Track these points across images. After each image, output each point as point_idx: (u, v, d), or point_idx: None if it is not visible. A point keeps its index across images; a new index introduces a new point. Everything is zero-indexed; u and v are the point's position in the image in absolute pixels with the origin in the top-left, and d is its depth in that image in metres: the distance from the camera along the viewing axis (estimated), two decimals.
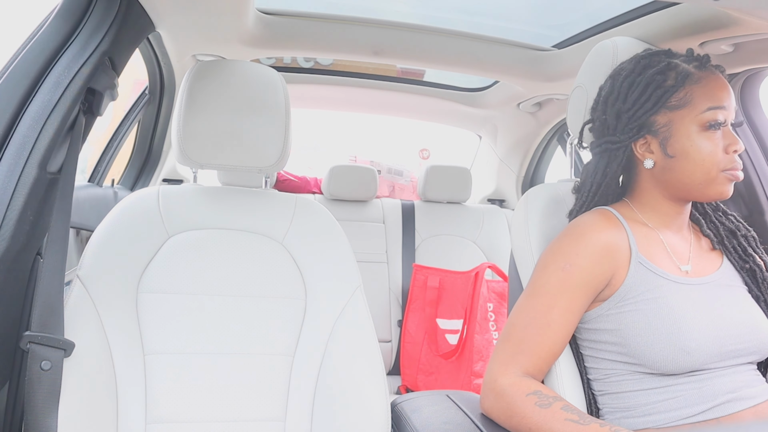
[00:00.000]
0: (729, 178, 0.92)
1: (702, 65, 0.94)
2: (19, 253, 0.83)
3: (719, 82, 0.93)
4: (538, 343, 0.87)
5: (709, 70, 0.94)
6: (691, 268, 0.94)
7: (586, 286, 0.89)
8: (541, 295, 0.90)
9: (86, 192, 1.56)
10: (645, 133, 0.95)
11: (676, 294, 0.89)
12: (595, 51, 1.10)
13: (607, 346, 0.90)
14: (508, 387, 0.84)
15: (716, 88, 0.92)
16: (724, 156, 0.91)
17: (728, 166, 0.91)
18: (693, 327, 0.85)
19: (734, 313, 0.90)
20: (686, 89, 0.92)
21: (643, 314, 0.87)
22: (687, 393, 0.85)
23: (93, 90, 0.98)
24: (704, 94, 0.92)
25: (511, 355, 0.88)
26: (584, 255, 0.90)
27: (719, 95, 0.92)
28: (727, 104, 0.92)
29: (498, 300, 2.08)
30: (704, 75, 0.93)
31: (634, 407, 0.87)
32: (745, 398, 0.86)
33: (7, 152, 0.83)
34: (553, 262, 0.91)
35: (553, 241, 0.95)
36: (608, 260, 0.90)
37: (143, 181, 2.11)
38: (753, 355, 0.90)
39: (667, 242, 0.96)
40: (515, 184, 2.65)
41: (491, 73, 1.89)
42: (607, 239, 0.91)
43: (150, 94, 1.84)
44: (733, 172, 0.92)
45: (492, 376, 0.87)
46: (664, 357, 0.84)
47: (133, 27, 1.07)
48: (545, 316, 0.88)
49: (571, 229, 0.94)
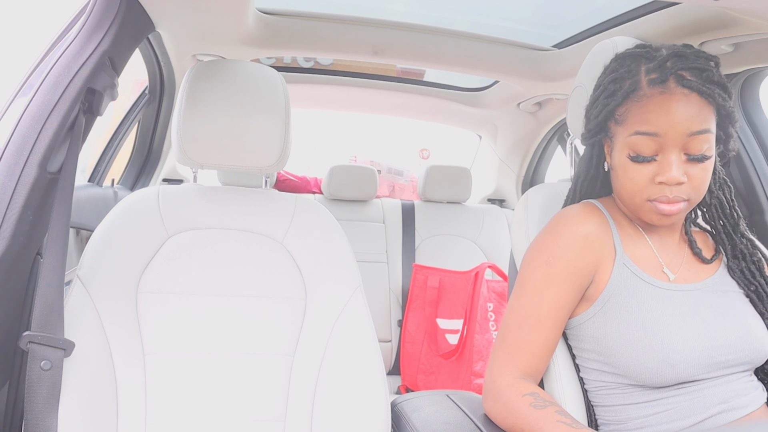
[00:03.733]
0: (655, 209, 0.84)
1: (661, 79, 0.82)
2: (19, 253, 0.83)
3: (667, 104, 0.81)
4: (533, 342, 0.87)
5: (664, 86, 0.82)
6: (677, 275, 0.90)
7: (572, 279, 0.87)
8: (528, 292, 0.89)
9: (86, 192, 1.56)
10: (604, 136, 0.92)
11: (660, 302, 0.86)
12: (595, 51, 1.10)
13: (593, 356, 0.89)
14: (505, 388, 0.84)
15: (657, 111, 0.81)
16: (649, 185, 0.83)
17: (653, 197, 0.84)
18: (677, 338, 0.82)
19: (726, 322, 0.86)
20: (626, 105, 0.85)
21: (626, 325, 0.84)
22: (678, 406, 0.83)
23: (93, 90, 0.98)
24: (637, 116, 0.83)
25: (508, 356, 0.87)
26: (565, 246, 0.88)
27: (655, 120, 0.81)
28: (663, 132, 0.81)
29: (498, 300, 2.08)
30: (653, 92, 0.82)
31: (626, 420, 0.86)
32: (738, 408, 0.83)
33: (7, 152, 0.83)
34: (536, 257, 0.90)
35: (537, 236, 0.94)
36: (590, 251, 0.88)
37: (143, 181, 2.11)
38: (746, 365, 0.86)
39: (654, 244, 0.93)
40: (515, 184, 2.65)
41: (491, 73, 1.89)
42: (587, 230, 0.89)
43: (150, 94, 1.84)
44: (657, 205, 0.84)
45: (491, 378, 0.87)
46: (647, 370, 0.81)
47: (133, 27, 1.07)
48: (535, 314, 0.87)
49: (552, 223, 0.93)
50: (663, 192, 0.83)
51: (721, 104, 0.83)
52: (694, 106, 0.81)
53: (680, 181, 0.81)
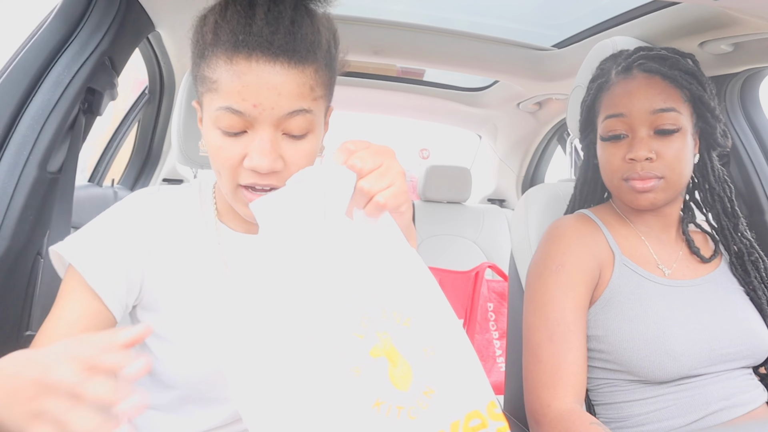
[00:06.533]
0: (631, 188, 0.89)
1: (625, 68, 0.91)
2: (19, 253, 0.83)
3: (629, 86, 0.89)
4: (569, 351, 0.84)
5: (628, 73, 0.91)
6: (672, 270, 0.91)
7: (583, 282, 0.88)
8: (547, 303, 0.87)
9: (86, 192, 1.56)
10: (591, 133, 0.98)
11: (661, 297, 0.87)
12: (595, 50, 1.10)
13: (595, 354, 0.89)
14: (567, 413, 0.79)
15: (621, 94, 0.90)
16: (623, 164, 0.89)
17: (626, 175, 0.89)
18: (679, 331, 0.83)
19: (726, 316, 0.87)
20: (600, 98, 0.94)
21: (629, 320, 0.85)
22: (679, 402, 0.83)
23: (93, 90, 0.98)
24: (606, 102, 0.92)
25: (552, 375, 0.83)
26: (569, 252, 0.89)
27: (619, 102, 0.89)
28: (628, 111, 0.88)
29: (498, 300, 2.08)
30: (619, 79, 0.92)
31: (627, 417, 0.86)
32: (739, 405, 0.84)
33: (7, 152, 0.83)
34: (545, 269, 0.90)
35: (537, 250, 0.95)
36: (592, 255, 0.90)
37: (143, 180, 2.11)
38: (746, 360, 0.87)
39: (651, 243, 0.94)
40: (515, 184, 2.65)
41: (491, 72, 1.89)
42: (584, 237, 0.91)
43: (150, 94, 1.84)
44: (631, 183, 0.88)
45: (543, 402, 0.82)
46: (650, 363, 0.82)
47: (132, 27, 1.07)
48: (563, 323, 0.85)
49: (550, 233, 0.94)
50: (635, 169, 0.88)
51: (696, 94, 0.88)
52: (656, 86, 0.88)
53: (647, 156, 0.87)
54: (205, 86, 0.64)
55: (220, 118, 0.62)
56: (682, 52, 0.93)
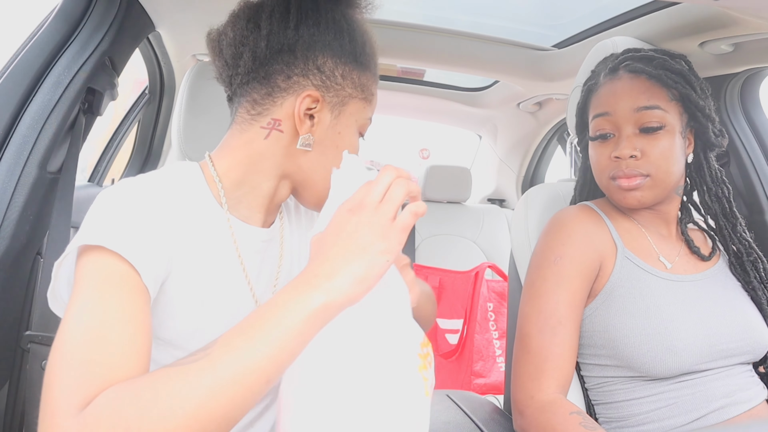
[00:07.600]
0: (618, 186, 0.90)
1: (612, 70, 0.93)
2: (19, 253, 0.83)
3: (615, 86, 0.91)
4: (558, 345, 0.84)
5: (614, 74, 0.93)
6: (674, 264, 0.92)
7: (581, 275, 0.88)
8: (542, 295, 0.88)
9: (86, 192, 1.56)
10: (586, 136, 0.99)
11: (662, 291, 0.87)
12: (595, 51, 1.10)
13: (595, 350, 0.89)
14: (548, 404, 0.80)
15: (607, 94, 0.92)
16: (609, 163, 0.90)
17: (612, 173, 0.90)
18: (680, 326, 0.83)
19: (726, 311, 0.87)
20: (590, 99, 0.97)
21: (630, 315, 0.85)
22: (680, 400, 0.83)
23: (93, 90, 0.98)
24: (594, 102, 0.95)
25: (538, 367, 0.84)
26: (569, 244, 0.89)
27: (605, 101, 0.91)
28: (613, 110, 0.90)
29: (498, 300, 2.08)
30: (605, 81, 0.94)
31: (628, 417, 0.85)
32: (740, 402, 0.84)
33: (7, 152, 0.83)
34: (543, 260, 0.90)
35: (538, 240, 0.95)
36: (593, 247, 0.90)
37: None
38: (746, 355, 0.87)
39: (652, 237, 0.94)
40: (515, 184, 2.65)
41: (491, 72, 1.89)
42: (587, 228, 0.91)
43: (150, 94, 1.84)
44: (618, 181, 0.90)
45: (527, 393, 0.83)
46: (651, 358, 0.82)
47: (133, 27, 1.07)
48: (555, 315, 0.86)
49: (551, 225, 0.94)
50: (620, 167, 0.89)
51: (683, 92, 0.88)
52: (641, 85, 0.89)
53: (632, 153, 0.88)
54: (358, 93, 0.71)
55: (365, 126, 0.73)
56: (673, 53, 0.94)
